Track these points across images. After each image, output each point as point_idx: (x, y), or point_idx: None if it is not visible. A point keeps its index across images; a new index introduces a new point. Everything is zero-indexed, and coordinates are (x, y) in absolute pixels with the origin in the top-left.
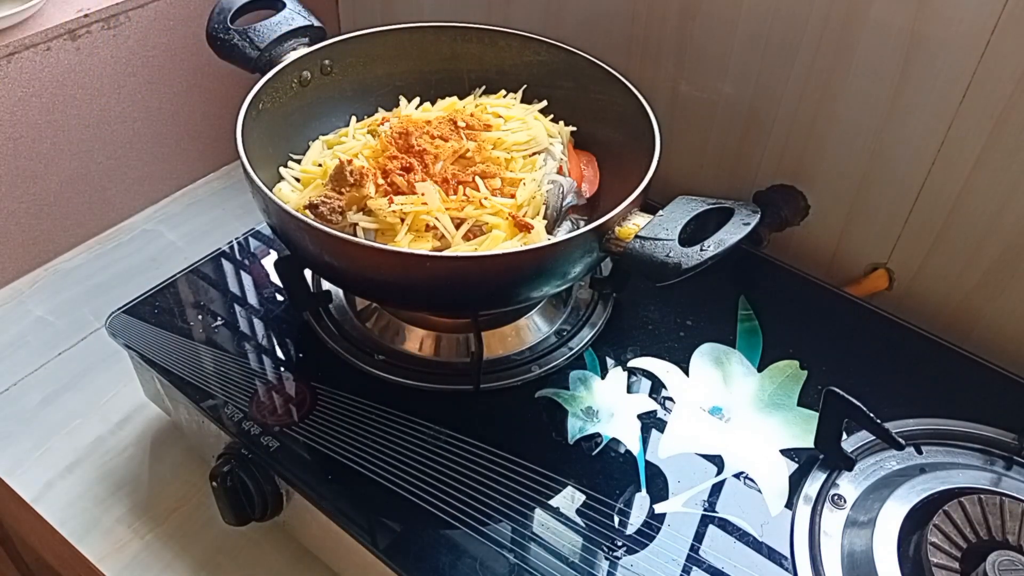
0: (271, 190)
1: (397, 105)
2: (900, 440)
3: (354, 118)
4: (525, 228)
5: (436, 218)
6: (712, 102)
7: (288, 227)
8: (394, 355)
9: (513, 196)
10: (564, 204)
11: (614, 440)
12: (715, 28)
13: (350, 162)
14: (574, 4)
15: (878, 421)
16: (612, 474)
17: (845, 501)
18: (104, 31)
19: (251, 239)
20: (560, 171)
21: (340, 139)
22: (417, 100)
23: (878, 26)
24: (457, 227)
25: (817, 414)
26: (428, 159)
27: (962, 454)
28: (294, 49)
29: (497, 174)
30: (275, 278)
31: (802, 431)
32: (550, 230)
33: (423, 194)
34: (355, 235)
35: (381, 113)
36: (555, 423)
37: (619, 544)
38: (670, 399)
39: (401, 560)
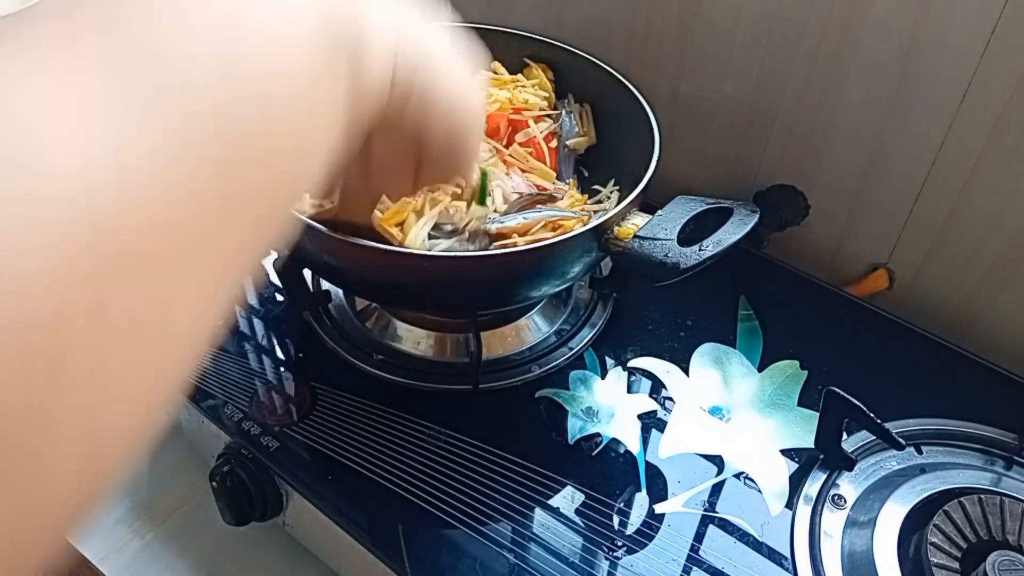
0: None
1: None
2: (900, 440)
3: None
4: None
5: None
6: (712, 102)
7: None
8: (394, 355)
9: None
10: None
11: (614, 440)
12: (715, 28)
13: None
14: (574, 4)
15: (878, 421)
16: (612, 474)
17: (845, 501)
18: None
19: None
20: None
21: None
22: None
23: (878, 26)
24: None
25: (817, 414)
26: None
27: (962, 454)
28: None
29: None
30: (275, 278)
31: (802, 431)
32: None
33: None
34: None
35: None
36: (555, 423)
37: (619, 544)
38: (670, 399)
39: (401, 560)
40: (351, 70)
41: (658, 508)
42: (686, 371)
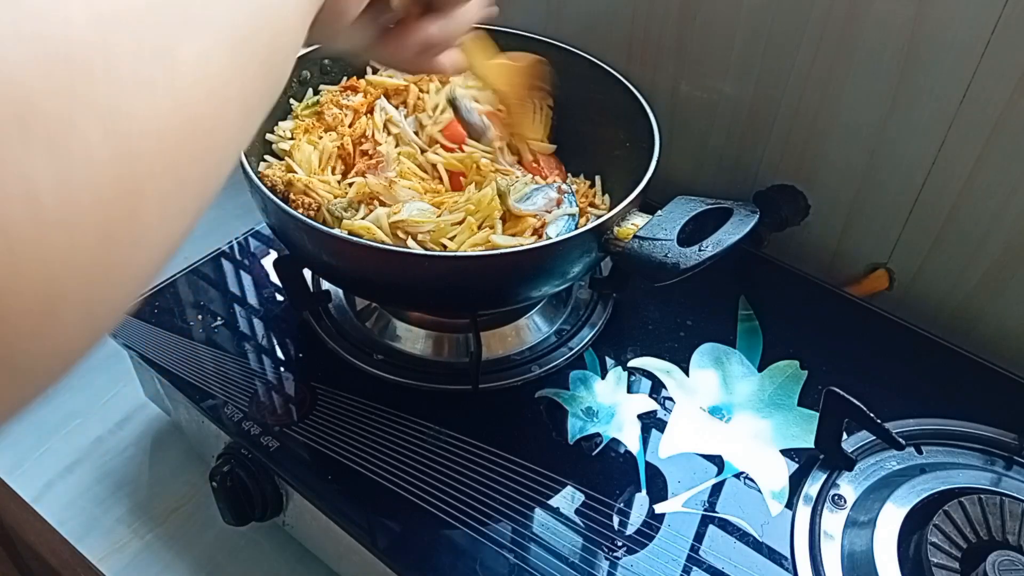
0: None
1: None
2: (900, 440)
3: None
4: None
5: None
6: (712, 102)
7: (287, 226)
8: (393, 355)
9: None
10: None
11: (614, 440)
12: (715, 28)
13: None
14: (574, 4)
15: (878, 421)
16: (612, 474)
17: (845, 501)
18: None
19: (251, 239)
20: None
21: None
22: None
23: (878, 26)
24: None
25: (817, 414)
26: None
27: (962, 454)
28: None
29: None
30: (275, 278)
31: (802, 431)
32: None
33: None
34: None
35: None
36: (555, 423)
37: (619, 544)
38: (670, 399)
39: (401, 560)
40: None
41: (658, 508)
42: (686, 371)
